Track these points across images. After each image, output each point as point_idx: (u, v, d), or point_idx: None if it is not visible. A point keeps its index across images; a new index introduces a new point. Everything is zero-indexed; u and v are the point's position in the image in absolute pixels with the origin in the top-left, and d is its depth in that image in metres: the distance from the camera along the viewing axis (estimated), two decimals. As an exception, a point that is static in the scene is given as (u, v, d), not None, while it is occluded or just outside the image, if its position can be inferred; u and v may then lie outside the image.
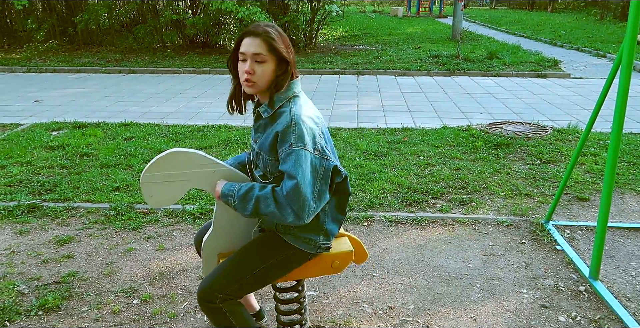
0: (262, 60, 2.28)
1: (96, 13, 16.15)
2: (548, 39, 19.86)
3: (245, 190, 2.33)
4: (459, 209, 4.82)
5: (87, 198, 5.00)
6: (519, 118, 8.37)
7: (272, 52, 2.29)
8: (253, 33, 2.29)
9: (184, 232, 4.37)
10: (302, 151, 2.22)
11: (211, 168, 2.51)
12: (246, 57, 2.29)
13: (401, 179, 5.44)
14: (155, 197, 2.49)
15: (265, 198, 2.26)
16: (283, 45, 2.32)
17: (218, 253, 2.67)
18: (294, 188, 2.19)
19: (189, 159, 2.46)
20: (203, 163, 2.49)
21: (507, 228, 4.44)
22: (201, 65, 13.87)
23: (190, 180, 2.49)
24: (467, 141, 6.77)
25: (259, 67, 2.28)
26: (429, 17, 34.35)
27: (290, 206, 2.21)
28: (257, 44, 2.27)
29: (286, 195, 2.21)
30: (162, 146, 6.48)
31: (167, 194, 2.49)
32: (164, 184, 2.47)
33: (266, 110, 2.37)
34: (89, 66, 13.71)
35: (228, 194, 2.37)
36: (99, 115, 8.62)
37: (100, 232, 4.36)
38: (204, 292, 2.38)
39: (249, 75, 2.28)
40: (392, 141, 6.81)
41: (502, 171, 5.71)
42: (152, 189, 2.47)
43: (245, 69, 2.29)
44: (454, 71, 13.12)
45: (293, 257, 2.50)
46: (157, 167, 2.44)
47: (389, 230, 4.42)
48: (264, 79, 2.30)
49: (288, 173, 2.22)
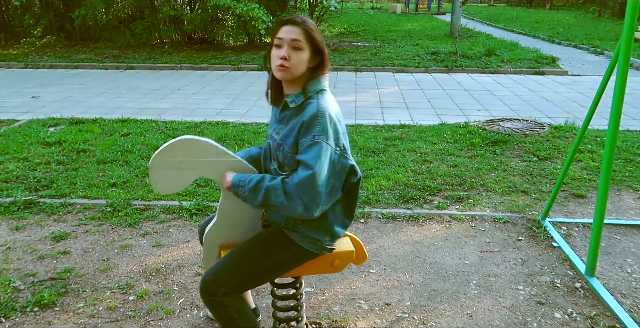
0: (298, 47, 2.31)
1: (94, 9, 16.16)
2: (546, 36, 19.87)
3: (256, 181, 2.34)
4: (456, 206, 4.81)
5: (84, 195, 4.99)
6: (516, 115, 8.37)
7: (309, 41, 2.33)
8: (293, 21, 2.33)
9: (180, 229, 4.36)
10: (324, 144, 2.24)
11: (221, 159, 2.51)
12: (283, 43, 2.32)
13: (398, 176, 5.43)
14: (162, 183, 2.48)
15: (274, 189, 2.27)
16: (319, 37, 2.36)
17: (220, 245, 2.67)
18: (308, 179, 2.19)
19: (201, 147, 2.46)
20: (214, 152, 2.49)
21: (504, 225, 4.44)
22: (199, 61, 13.84)
23: (199, 169, 2.49)
24: (465, 138, 6.76)
25: (295, 54, 2.31)
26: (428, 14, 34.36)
27: (300, 197, 2.22)
28: (296, 31, 2.31)
29: (297, 184, 2.21)
30: (159, 142, 6.47)
31: (175, 181, 2.49)
32: (173, 170, 2.46)
33: (294, 100, 2.38)
34: (86, 62, 13.69)
35: (239, 185, 2.38)
36: (96, 111, 8.60)
37: (96, 228, 4.36)
38: (207, 284, 2.38)
39: (284, 61, 2.30)
40: (389, 138, 6.81)
41: (499, 168, 5.71)
42: (160, 174, 2.46)
43: (280, 54, 2.31)
44: (452, 68, 13.11)
45: (297, 255, 2.50)
46: (169, 153, 2.43)
47: (385, 227, 4.41)
48: (298, 66, 2.33)
49: (305, 162, 2.22)
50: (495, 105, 9.22)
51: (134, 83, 11.40)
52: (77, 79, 11.93)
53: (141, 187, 5.15)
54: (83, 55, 14.61)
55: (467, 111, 8.76)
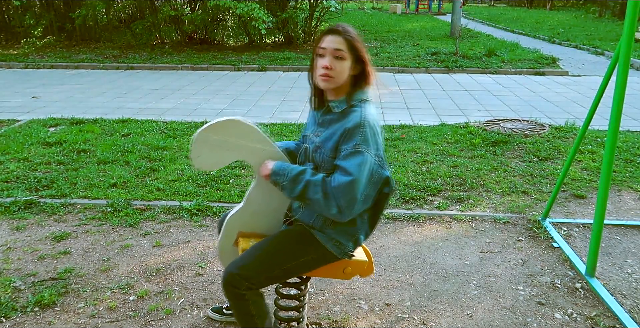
0: (341, 56, 2.37)
1: (94, 9, 16.13)
2: (546, 37, 19.86)
3: (297, 172, 2.39)
4: (456, 206, 4.82)
5: (84, 195, 4.99)
6: (516, 115, 8.37)
7: (351, 50, 2.39)
8: (335, 31, 2.40)
9: (181, 229, 4.37)
10: (366, 153, 2.31)
11: (265, 147, 2.54)
12: (326, 53, 2.38)
13: (399, 176, 5.43)
14: (202, 158, 2.50)
15: (315, 184, 2.33)
16: (361, 46, 2.42)
17: (239, 232, 2.69)
18: (348, 184, 2.26)
19: (247, 131, 2.50)
20: (259, 139, 2.52)
21: (504, 226, 4.45)
22: (199, 61, 13.83)
23: (242, 152, 2.53)
24: (465, 138, 6.76)
25: (338, 63, 2.38)
26: (428, 14, 34.33)
27: (337, 199, 2.27)
28: (338, 41, 2.38)
29: (336, 188, 2.27)
30: (159, 143, 6.47)
31: (214, 159, 2.51)
32: (215, 148, 2.49)
33: (338, 105, 2.44)
34: (86, 62, 13.69)
35: (279, 173, 2.43)
36: (97, 111, 8.60)
37: (97, 229, 4.36)
38: (233, 276, 2.41)
39: (328, 71, 2.37)
40: (390, 138, 6.81)
41: (500, 168, 5.71)
42: (202, 149, 2.48)
43: (324, 64, 2.38)
44: (452, 68, 13.11)
45: (321, 257, 2.55)
46: (215, 130, 2.46)
47: (386, 227, 4.42)
48: (342, 75, 2.39)
49: (345, 169, 2.29)
50: (496, 106, 9.22)
51: (134, 83, 11.40)
52: (78, 79, 11.93)
53: (141, 187, 5.15)
54: (83, 56, 14.60)
55: (467, 111, 8.75)
